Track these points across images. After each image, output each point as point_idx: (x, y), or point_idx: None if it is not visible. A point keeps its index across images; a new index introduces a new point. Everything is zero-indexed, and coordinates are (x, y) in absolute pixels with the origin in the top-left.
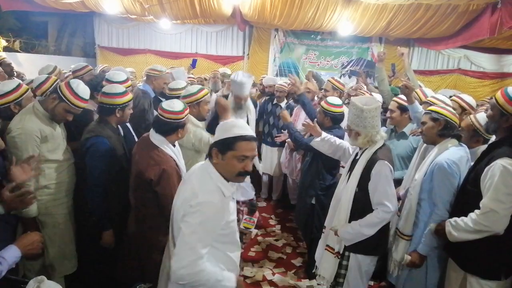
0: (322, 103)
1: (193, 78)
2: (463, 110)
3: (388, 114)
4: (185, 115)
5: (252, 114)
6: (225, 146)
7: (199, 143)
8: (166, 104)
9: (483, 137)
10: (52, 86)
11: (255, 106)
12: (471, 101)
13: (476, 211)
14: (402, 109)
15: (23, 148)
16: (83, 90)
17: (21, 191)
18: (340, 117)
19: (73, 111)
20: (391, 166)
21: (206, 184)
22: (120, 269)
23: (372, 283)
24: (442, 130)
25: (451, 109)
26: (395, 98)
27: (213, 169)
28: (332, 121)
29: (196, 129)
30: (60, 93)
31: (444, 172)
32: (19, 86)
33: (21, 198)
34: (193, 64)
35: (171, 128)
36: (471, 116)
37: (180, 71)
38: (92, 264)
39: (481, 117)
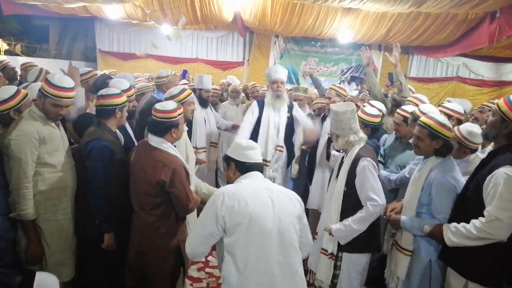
0: (360, 113)
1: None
2: (449, 117)
3: (394, 127)
4: (178, 114)
5: (285, 107)
6: None
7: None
8: (158, 105)
9: (470, 148)
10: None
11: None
12: (459, 108)
13: (481, 219)
14: (407, 121)
15: (21, 150)
16: (59, 79)
17: None
18: (379, 126)
19: (60, 104)
20: (374, 162)
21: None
22: (128, 275)
23: None
24: (440, 148)
25: (447, 122)
26: (399, 111)
27: None
28: (371, 131)
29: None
30: (41, 90)
31: (443, 187)
32: (17, 92)
33: None
34: (183, 75)
35: (164, 128)
36: (455, 128)
37: (201, 78)
38: (93, 270)
39: (464, 128)
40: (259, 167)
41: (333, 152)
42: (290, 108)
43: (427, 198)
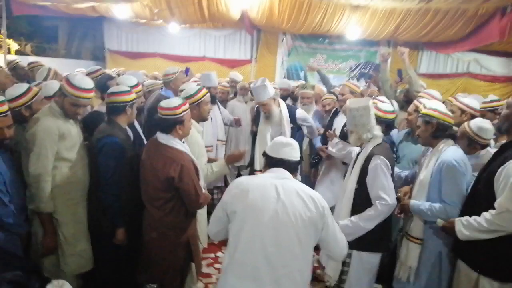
0: (374, 109)
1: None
2: (462, 112)
3: (406, 116)
4: (182, 111)
5: (287, 125)
6: None
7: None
8: (163, 102)
9: (480, 144)
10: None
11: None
12: (471, 102)
13: (491, 211)
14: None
15: (42, 144)
16: (80, 80)
17: None
18: (393, 123)
19: (79, 103)
20: (387, 161)
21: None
22: (138, 270)
23: (380, 286)
24: (435, 132)
25: (442, 109)
26: (414, 101)
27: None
28: (386, 128)
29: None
30: (62, 89)
31: (453, 170)
32: (28, 89)
33: None
34: (186, 72)
35: (169, 124)
36: (465, 123)
37: (209, 76)
38: (106, 264)
39: (475, 124)
40: (286, 164)
41: (335, 140)
42: (293, 117)
43: (438, 185)
